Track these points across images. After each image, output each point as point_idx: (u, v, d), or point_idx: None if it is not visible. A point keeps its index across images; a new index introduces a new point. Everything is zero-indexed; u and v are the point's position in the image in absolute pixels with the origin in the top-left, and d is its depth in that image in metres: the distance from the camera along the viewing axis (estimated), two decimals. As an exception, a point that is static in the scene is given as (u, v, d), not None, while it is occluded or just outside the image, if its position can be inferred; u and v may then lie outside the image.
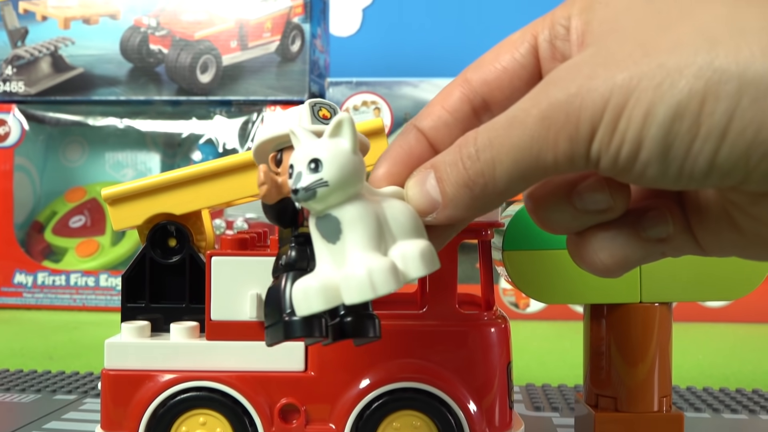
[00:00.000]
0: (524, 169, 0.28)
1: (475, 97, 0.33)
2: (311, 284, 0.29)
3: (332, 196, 0.29)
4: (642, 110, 0.26)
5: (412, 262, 0.29)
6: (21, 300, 1.10)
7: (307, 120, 0.33)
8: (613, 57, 0.27)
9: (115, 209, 0.41)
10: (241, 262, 0.39)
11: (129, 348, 0.40)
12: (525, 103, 0.28)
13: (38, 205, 1.21)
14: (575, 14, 0.31)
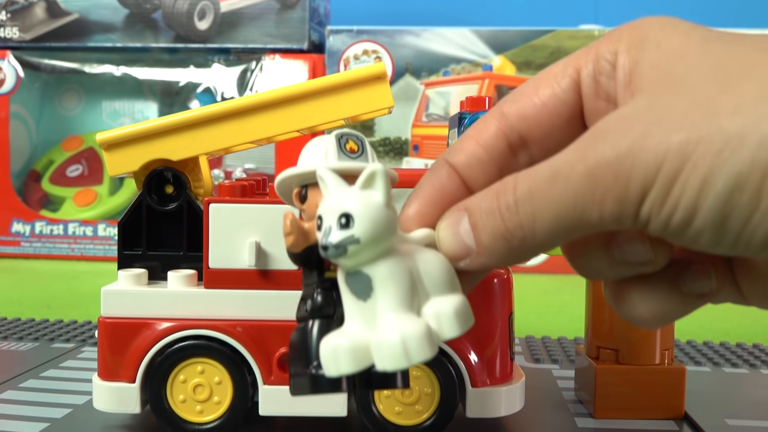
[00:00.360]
0: (566, 225, 0.27)
1: (512, 132, 0.31)
2: (341, 344, 0.28)
3: (364, 254, 0.27)
4: (699, 178, 0.24)
5: (447, 322, 0.28)
6: (19, 249, 1.10)
7: (333, 154, 0.31)
8: (668, 114, 0.25)
9: (111, 154, 0.40)
10: (240, 210, 0.38)
11: (126, 295, 0.39)
12: (570, 156, 0.27)
13: (35, 153, 1.20)
14: (622, 50, 0.29)
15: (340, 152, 0.31)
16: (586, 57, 0.30)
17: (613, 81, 0.29)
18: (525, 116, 0.31)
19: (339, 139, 0.32)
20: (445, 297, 0.29)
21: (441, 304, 0.28)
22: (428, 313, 0.28)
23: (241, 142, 0.40)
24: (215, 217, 0.39)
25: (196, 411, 0.39)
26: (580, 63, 0.30)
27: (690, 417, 0.44)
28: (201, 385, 0.39)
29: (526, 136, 0.31)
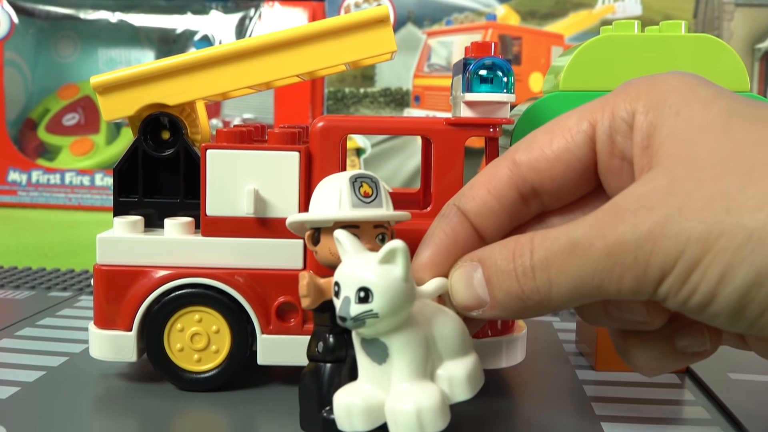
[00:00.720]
0: (583, 294, 0.28)
1: (524, 183, 0.31)
2: (355, 402, 0.29)
3: (381, 326, 0.28)
4: (719, 270, 0.25)
5: (459, 386, 0.30)
6: (15, 198, 1.09)
7: (347, 201, 0.32)
8: (690, 202, 0.25)
9: (105, 98, 0.39)
10: (238, 156, 0.38)
11: (122, 243, 0.38)
12: (589, 231, 0.27)
13: (30, 101, 1.18)
14: (640, 111, 0.29)
15: (354, 197, 0.32)
16: (601, 112, 0.30)
17: (629, 141, 0.29)
18: (538, 169, 0.31)
19: (353, 183, 0.32)
20: (459, 361, 0.30)
21: (454, 369, 0.30)
22: (442, 376, 0.30)
23: (239, 86, 0.39)
24: (213, 163, 0.38)
25: (193, 360, 0.39)
26: (595, 118, 0.30)
27: (692, 371, 0.43)
28: (198, 334, 0.38)
29: (539, 187, 0.31)
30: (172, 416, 0.36)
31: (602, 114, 0.30)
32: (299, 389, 0.34)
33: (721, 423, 0.37)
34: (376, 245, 0.32)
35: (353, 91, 1.09)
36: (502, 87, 0.37)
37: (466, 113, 0.37)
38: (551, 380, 0.42)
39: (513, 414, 0.37)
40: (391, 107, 1.08)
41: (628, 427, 0.36)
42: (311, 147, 0.38)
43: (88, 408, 0.37)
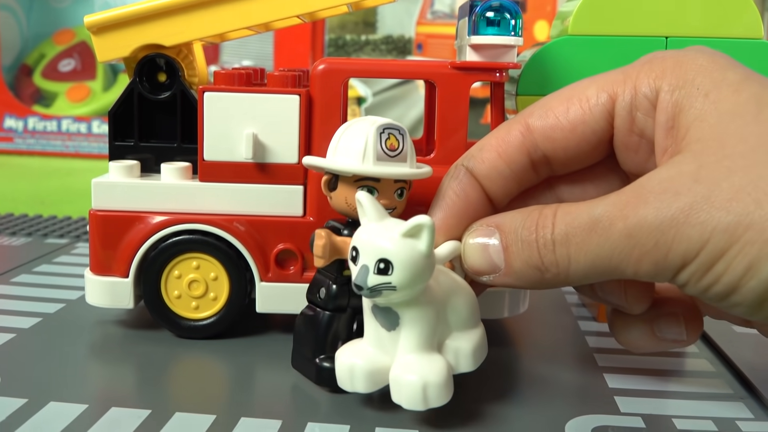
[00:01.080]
0: (600, 272, 0.27)
1: (536, 150, 0.31)
2: (358, 364, 0.30)
3: (397, 297, 0.28)
4: (745, 262, 0.24)
5: (464, 359, 0.30)
6: (12, 145, 1.08)
7: (372, 156, 0.31)
8: (718, 191, 0.25)
9: (100, 39, 0.38)
10: (237, 99, 0.36)
11: (117, 188, 0.38)
12: (610, 210, 0.27)
13: (26, 47, 1.17)
14: (666, 90, 0.28)
15: (380, 149, 0.31)
16: (623, 86, 0.29)
17: (650, 119, 0.29)
18: (552, 138, 0.30)
19: (380, 134, 0.31)
20: (467, 333, 0.31)
21: (462, 342, 0.30)
22: (449, 347, 0.30)
23: (237, 27, 0.38)
24: (210, 106, 0.37)
25: (191, 307, 0.38)
26: (616, 91, 0.30)
27: (696, 322, 0.43)
28: (196, 281, 0.38)
29: (550, 156, 0.31)
30: (170, 364, 0.36)
31: (623, 88, 0.29)
32: (294, 330, 0.34)
33: (724, 375, 0.37)
34: (394, 200, 0.32)
35: (354, 38, 1.07)
36: (509, 30, 0.35)
37: (472, 57, 0.36)
38: (554, 331, 0.42)
39: (515, 365, 0.37)
40: (392, 55, 1.07)
41: (630, 379, 0.35)
42: (312, 90, 0.36)
43: (85, 355, 0.36)
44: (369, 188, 0.31)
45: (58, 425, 0.29)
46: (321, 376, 0.32)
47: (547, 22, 1.03)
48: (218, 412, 0.31)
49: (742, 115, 0.26)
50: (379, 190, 0.31)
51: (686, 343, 0.33)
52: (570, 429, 0.30)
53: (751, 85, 0.27)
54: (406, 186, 0.32)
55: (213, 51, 1.09)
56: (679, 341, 0.33)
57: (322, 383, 0.33)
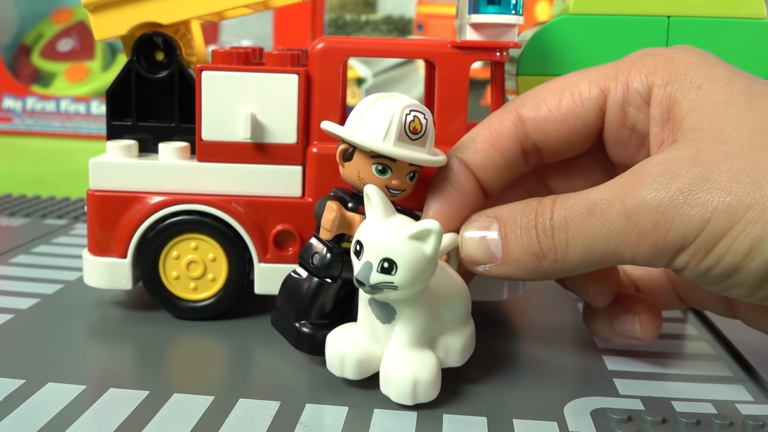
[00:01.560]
0: (598, 257, 0.27)
1: (527, 140, 0.31)
2: (349, 351, 0.30)
3: (397, 296, 0.28)
4: (748, 242, 0.24)
5: (453, 355, 0.31)
6: (10, 126, 1.07)
7: (394, 136, 0.30)
8: (717, 173, 0.25)
9: (97, 17, 0.38)
10: (235, 78, 0.36)
11: (115, 167, 0.37)
12: (608, 193, 0.27)
13: (24, 26, 1.16)
14: (658, 85, 0.28)
15: (402, 131, 0.30)
16: (614, 81, 0.30)
17: (642, 114, 0.29)
18: (544, 129, 0.31)
19: (406, 114, 0.30)
20: (458, 330, 0.31)
21: (452, 339, 0.31)
22: (440, 342, 0.30)
23: (235, 5, 0.37)
24: (209, 86, 0.36)
25: (190, 288, 0.38)
26: (608, 86, 0.30)
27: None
28: (195, 262, 0.38)
29: (541, 146, 0.31)
30: (168, 345, 0.36)
31: (615, 83, 0.30)
32: (280, 289, 0.34)
33: (724, 358, 0.36)
34: (405, 182, 0.31)
35: (354, 18, 1.06)
36: (510, 8, 0.35)
37: (472, 36, 0.36)
38: (553, 313, 0.42)
39: (514, 347, 0.37)
40: (393, 35, 1.06)
41: (629, 361, 0.35)
42: (311, 69, 0.36)
43: (83, 336, 0.36)
44: (384, 166, 0.31)
45: (56, 406, 0.29)
46: (300, 340, 0.33)
47: (549, 1, 1.02)
48: (217, 393, 0.31)
49: (736, 104, 0.27)
50: (394, 170, 0.31)
51: (642, 340, 0.34)
52: (569, 411, 0.30)
53: (741, 79, 0.28)
54: (419, 170, 0.32)
55: (212, 30, 1.08)
56: (635, 338, 0.34)
57: (300, 347, 0.33)
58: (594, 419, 0.30)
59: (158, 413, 0.29)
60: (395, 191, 0.31)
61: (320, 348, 0.32)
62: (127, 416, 0.28)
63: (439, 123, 0.36)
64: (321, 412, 0.30)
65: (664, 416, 0.29)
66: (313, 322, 0.33)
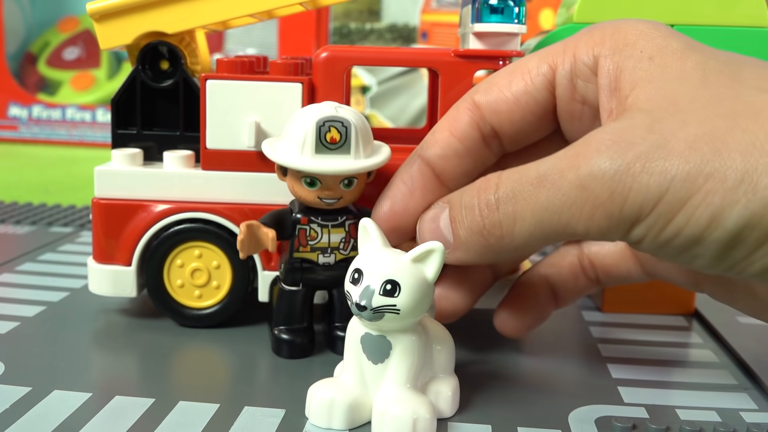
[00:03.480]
0: (548, 231, 0.26)
1: (485, 125, 0.31)
2: (338, 399, 0.29)
3: (397, 323, 0.28)
4: (708, 213, 0.23)
5: (444, 403, 0.30)
6: (16, 134, 1.08)
7: (309, 150, 0.31)
8: (674, 141, 0.24)
9: (102, 26, 0.38)
10: (239, 87, 0.36)
11: (120, 176, 0.38)
12: (560, 162, 0.26)
13: (30, 35, 1.16)
14: (605, 55, 0.28)
15: (318, 143, 0.31)
16: (563, 56, 0.30)
17: (592, 84, 0.29)
18: (497, 111, 0.30)
19: (320, 127, 0.31)
20: (446, 379, 0.30)
21: (442, 387, 0.30)
22: (431, 388, 0.30)
23: (240, 14, 0.37)
24: (213, 94, 0.36)
25: (194, 296, 0.38)
26: (556, 61, 0.30)
27: (700, 314, 0.43)
28: (199, 270, 0.38)
29: (498, 129, 0.31)
30: (173, 353, 0.36)
31: (563, 58, 0.29)
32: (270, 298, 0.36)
33: (728, 366, 0.36)
34: (339, 190, 0.32)
35: (359, 27, 1.06)
36: (513, 17, 0.35)
37: (475, 45, 0.36)
38: (557, 321, 0.42)
39: (518, 355, 0.37)
40: (397, 44, 1.06)
41: (634, 369, 0.35)
42: (314, 78, 0.36)
43: (88, 343, 0.36)
44: (311, 179, 0.32)
45: (61, 414, 0.29)
46: (276, 345, 0.35)
47: (553, 10, 1.03)
48: (222, 400, 0.31)
49: (690, 81, 0.26)
50: (322, 181, 0.32)
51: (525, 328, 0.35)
52: (573, 419, 0.30)
53: (694, 53, 0.27)
54: (356, 175, 0.32)
55: (217, 39, 1.09)
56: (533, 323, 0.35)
57: (280, 353, 0.35)
58: (598, 427, 0.30)
59: (164, 421, 0.29)
60: (329, 200, 0.32)
61: (300, 352, 0.35)
62: (132, 424, 0.29)
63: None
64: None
65: (668, 424, 0.29)
66: (291, 328, 0.35)
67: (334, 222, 0.34)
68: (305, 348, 0.35)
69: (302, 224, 0.34)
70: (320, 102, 0.36)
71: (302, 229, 0.34)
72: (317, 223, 0.34)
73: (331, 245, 0.34)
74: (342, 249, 0.34)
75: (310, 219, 0.34)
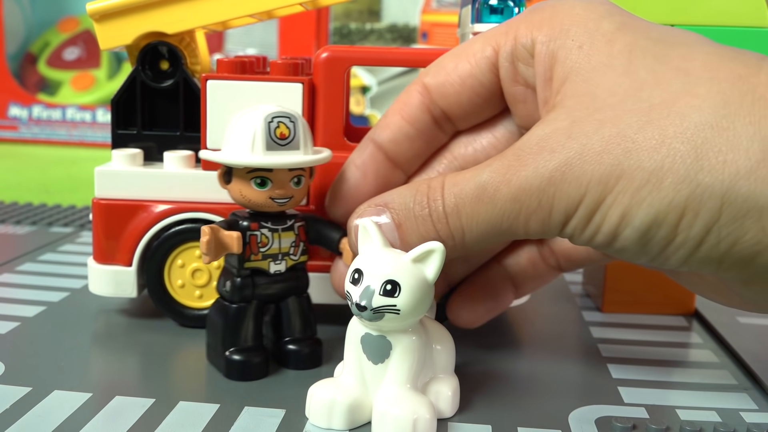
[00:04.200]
0: (494, 236, 0.28)
1: (435, 107, 0.31)
2: (338, 399, 0.29)
3: (397, 324, 0.28)
4: (618, 212, 0.25)
5: (444, 403, 0.30)
6: (16, 134, 1.08)
7: (260, 146, 0.31)
8: (590, 144, 0.25)
9: (102, 26, 0.38)
10: (240, 87, 0.36)
11: (120, 176, 0.38)
12: (494, 176, 0.27)
13: (30, 35, 1.16)
14: (541, 41, 0.28)
15: (269, 140, 0.31)
16: (505, 38, 0.30)
17: (531, 69, 0.29)
18: (445, 93, 0.31)
19: (269, 123, 0.31)
20: (446, 379, 0.30)
21: (442, 387, 0.30)
22: (431, 389, 0.30)
23: (239, 14, 0.37)
24: (213, 94, 0.36)
25: (195, 296, 0.38)
26: (498, 43, 0.30)
27: (700, 314, 0.43)
28: (200, 270, 0.38)
29: (447, 111, 0.31)
30: (174, 353, 0.36)
31: (505, 40, 0.30)
32: (207, 322, 0.34)
33: (729, 366, 0.36)
34: (290, 189, 0.32)
35: (359, 27, 1.06)
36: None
37: (476, 45, 0.36)
38: (557, 321, 0.42)
39: (518, 355, 0.37)
40: (397, 44, 1.06)
41: (634, 369, 0.35)
42: (315, 78, 0.36)
43: (89, 344, 0.37)
44: (262, 179, 0.31)
45: (62, 414, 0.29)
46: (230, 368, 0.32)
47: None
48: (222, 401, 0.31)
49: (614, 67, 0.27)
50: (273, 180, 0.31)
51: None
52: (573, 419, 0.30)
53: (624, 34, 0.27)
54: (304, 173, 0.32)
55: (217, 39, 1.09)
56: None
57: (231, 376, 0.32)
58: (598, 427, 0.30)
59: (164, 421, 0.29)
60: (281, 200, 0.32)
61: (254, 372, 0.32)
62: (133, 424, 0.29)
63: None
64: (325, 420, 0.30)
65: (668, 425, 0.29)
66: (242, 348, 0.33)
67: (283, 225, 0.33)
68: (261, 368, 0.33)
69: (253, 230, 0.32)
70: (320, 101, 0.36)
71: (253, 235, 0.32)
72: (268, 228, 0.32)
73: (282, 250, 0.33)
74: (292, 254, 0.33)
75: (260, 224, 0.32)
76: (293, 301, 0.34)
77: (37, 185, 0.78)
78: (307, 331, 0.34)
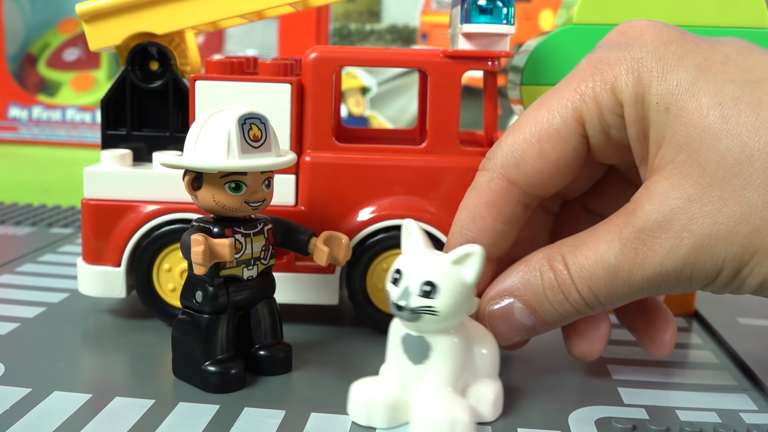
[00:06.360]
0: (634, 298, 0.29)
1: (526, 197, 0.31)
2: (378, 398, 0.29)
3: (436, 325, 0.28)
4: (758, 279, 0.27)
5: (485, 407, 0.29)
6: (16, 135, 1.08)
7: (236, 149, 0.30)
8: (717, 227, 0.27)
9: (91, 27, 0.38)
10: (228, 87, 0.36)
11: (109, 176, 0.37)
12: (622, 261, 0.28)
13: (30, 36, 1.17)
14: (627, 104, 0.28)
15: (244, 142, 0.30)
16: (585, 106, 0.29)
17: (624, 132, 0.29)
18: (539, 182, 0.30)
19: (242, 125, 0.30)
20: (489, 383, 0.30)
21: (484, 390, 0.29)
22: (472, 392, 0.29)
23: (228, 14, 0.37)
24: (202, 95, 0.36)
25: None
26: (580, 115, 0.29)
27: (700, 314, 0.43)
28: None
29: (542, 193, 0.31)
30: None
31: (587, 108, 0.29)
32: (173, 339, 0.32)
33: (729, 368, 0.36)
34: (263, 191, 0.31)
35: (359, 28, 1.06)
36: (501, 18, 0.35)
37: (464, 45, 0.36)
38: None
39: (519, 355, 0.37)
40: (397, 45, 1.06)
41: (634, 370, 0.35)
42: (303, 79, 0.36)
43: (89, 345, 0.36)
44: (237, 183, 0.30)
45: (61, 415, 0.29)
46: (209, 382, 0.31)
47: (553, 11, 1.02)
48: (222, 401, 0.31)
49: (709, 129, 0.27)
50: (248, 184, 0.30)
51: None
52: (573, 420, 0.30)
53: (707, 83, 0.27)
54: (273, 175, 0.32)
55: (217, 40, 1.09)
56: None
57: (209, 389, 0.31)
58: (598, 428, 0.29)
59: (164, 422, 0.29)
60: (256, 204, 0.31)
61: (234, 383, 0.31)
62: (132, 425, 0.28)
63: (431, 131, 0.36)
64: (326, 421, 0.29)
65: (668, 425, 0.29)
66: (219, 359, 0.31)
67: (255, 230, 0.32)
68: (239, 378, 0.32)
69: (227, 236, 0.31)
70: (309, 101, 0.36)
71: None
72: (241, 233, 0.31)
73: (254, 255, 0.32)
74: (263, 258, 0.32)
75: (234, 230, 0.31)
76: (262, 305, 0.33)
77: (36, 186, 0.78)
78: (277, 336, 0.34)
